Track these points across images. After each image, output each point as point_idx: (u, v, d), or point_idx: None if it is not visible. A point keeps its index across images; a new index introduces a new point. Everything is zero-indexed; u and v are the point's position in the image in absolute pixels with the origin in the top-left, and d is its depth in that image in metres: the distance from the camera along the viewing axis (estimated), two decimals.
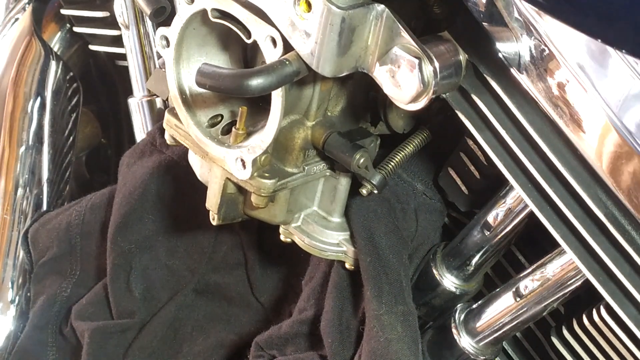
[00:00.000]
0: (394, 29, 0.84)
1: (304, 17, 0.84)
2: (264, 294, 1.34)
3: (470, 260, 1.04)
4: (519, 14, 0.79)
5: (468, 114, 0.89)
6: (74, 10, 1.66)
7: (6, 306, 1.52)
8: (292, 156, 0.99)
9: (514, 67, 0.82)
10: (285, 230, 1.06)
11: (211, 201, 1.02)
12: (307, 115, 0.97)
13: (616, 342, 0.94)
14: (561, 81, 0.79)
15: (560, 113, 0.81)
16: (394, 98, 0.85)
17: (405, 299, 1.03)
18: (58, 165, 1.63)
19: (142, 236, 1.30)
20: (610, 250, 0.84)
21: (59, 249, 1.40)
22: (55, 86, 1.64)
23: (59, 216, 1.41)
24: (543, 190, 0.86)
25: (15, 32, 1.66)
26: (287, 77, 0.86)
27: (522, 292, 0.99)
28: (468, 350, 1.05)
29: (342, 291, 1.08)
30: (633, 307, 0.85)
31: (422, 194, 1.07)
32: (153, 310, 1.32)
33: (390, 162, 1.01)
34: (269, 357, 1.17)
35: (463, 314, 1.06)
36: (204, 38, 0.98)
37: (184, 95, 0.99)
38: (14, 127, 1.60)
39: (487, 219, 1.00)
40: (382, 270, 1.02)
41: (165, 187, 1.28)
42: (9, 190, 1.58)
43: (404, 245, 1.05)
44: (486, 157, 0.96)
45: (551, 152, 0.84)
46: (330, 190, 1.04)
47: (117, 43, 1.61)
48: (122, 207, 1.29)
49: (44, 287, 1.42)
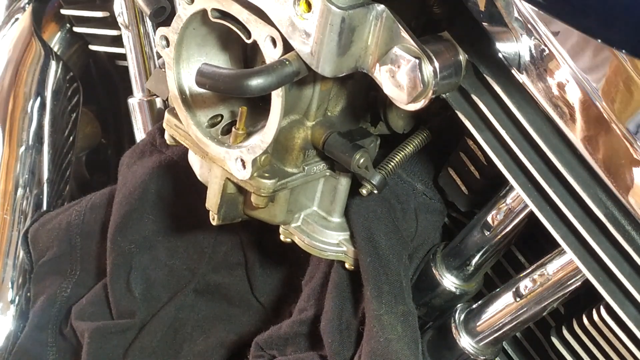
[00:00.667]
0: (393, 29, 0.84)
1: (304, 17, 0.84)
2: (264, 294, 1.34)
3: (470, 260, 1.04)
4: (519, 14, 0.79)
5: (468, 114, 0.89)
6: (74, 10, 1.66)
7: (6, 306, 1.52)
8: (292, 156, 0.99)
9: (514, 67, 0.82)
10: (285, 230, 1.06)
11: (211, 201, 1.02)
12: (307, 115, 0.97)
13: (616, 342, 0.94)
14: (561, 81, 0.79)
15: (560, 113, 0.81)
16: (393, 98, 0.85)
17: (405, 299, 1.03)
18: (58, 165, 1.63)
19: (142, 236, 1.30)
20: (610, 250, 0.84)
21: (59, 249, 1.40)
22: (55, 86, 1.64)
23: (59, 216, 1.42)
24: (543, 190, 0.86)
25: (15, 32, 1.66)
26: (287, 77, 0.86)
27: (522, 292, 0.99)
28: (468, 350, 1.05)
29: (342, 291, 1.07)
30: (633, 307, 0.85)
31: (422, 194, 1.07)
32: (153, 310, 1.32)
33: (390, 162, 1.01)
34: (269, 357, 1.17)
35: (463, 314, 1.06)
36: (204, 38, 0.98)
37: (184, 95, 0.99)
38: (14, 127, 1.60)
39: (487, 219, 1.00)
40: (382, 270, 1.02)
41: (165, 187, 1.28)
42: (9, 190, 1.58)
43: (404, 245, 1.05)
44: (486, 157, 0.96)
45: (551, 152, 0.84)
46: (330, 190, 1.04)
47: (117, 43, 1.61)
48: (122, 207, 1.29)
49: (44, 287, 1.42)
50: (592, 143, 0.79)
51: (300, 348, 1.13)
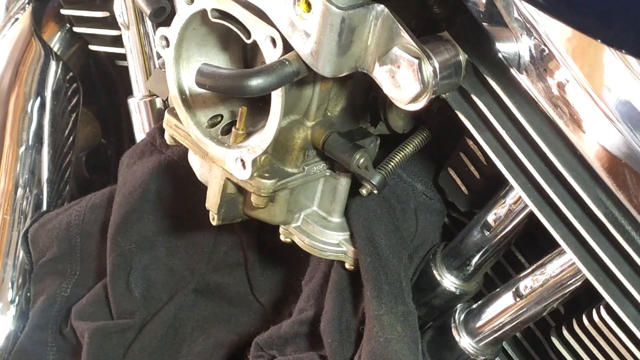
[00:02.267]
0: (393, 29, 0.84)
1: (304, 17, 0.84)
2: (264, 294, 1.34)
3: (470, 260, 1.04)
4: (519, 14, 0.79)
5: (468, 114, 0.89)
6: (74, 10, 1.66)
7: (6, 306, 1.52)
8: (292, 156, 0.99)
9: (513, 67, 0.82)
10: (285, 230, 1.06)
11: (211, 201, 1.02)
12: (307, 115, 0.97)
13: (616, 342, 0.94)
14: (561, 81, 0.79)
15: (560, 113, 0.81)
16: (393, 98, 0.85)
17: (405, 299, 1.03)
18: (58, 165, 1.63)
19: (142, 236, 1.30)
20: (610, 250, 0.84)
21: (58, 249, 1.40)
22: (55, 86, 1.64)
23: (59, 216, 1.42)
24: (543, 190, 0.86)
25: (15, 32, 1.66)
26: (287, 77, 0.86)
27: (522, 292, 0.99)
28: (468, 350, 1.05)
29: (342, 291, 1.07)
30: (633, 307, 0.85)
31: (422, 194, 1.07)
32: (153, 310, 1.32)
33: (390, 162, 1.01)
34: (268, 357, 1.17)
35: (463, 314, 1.06)
36: (204, 38, 0.98)
37: (184, 95, 0.99)
38: (14, 127, 1.60)
39: (487, 219, 1.00)
40: (382, 270, 1.02)
41: (165, 187, 1.28)
42: (9, 190, 1.58)
43: (404, 245, 1.05)
44: (486, 157, 0.96)
45: (551, 152, 0.84)
46: (330, 190, 1.04)
47: (117, 43, 1.61)
48: (122, 207, 1.29)
49: (44, 287, 1.42)
50: (591, 143, 0.79)
51: (300, 348, 1.13)
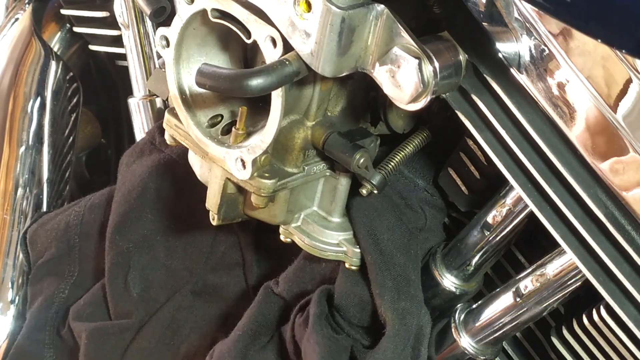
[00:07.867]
0: (393, 29, 0.84)
1: (304, 17, 0.84)
2: None
3: (470, 260, 1.04)
4: (519, 14, 0.79)
5: (468, 114, 0.89)
6: (74, 10, 1.66)
7: (6, 306, 1.52)
8: (292, 156, 0.99)
9: (514, 67, 0.82)
10: (285, 230, 1.06)
11: (211, 201, 1.02)
12: (307, 115, 0.97)
13: (616, 342, 0.94)
14: (561, 81, 0.79)
15: (560, 113, 0.81)
16: (393, 98, 0.85)
17: (410, 294, 1.01)
18: (58, 165, 1.63)
19: (140, 235, 1.29)
20: (610, 250, 0.84)
21: (57, 249, 1.40)
22: (55, 86, 1.64)
23: (58, 217, 1.41)
24: (543, 190, 0.86)
25: (15, 32, 1.67)
26: (287, 77, 0.86)
27: (522, 292, 0.99)
28: (468, 350, 1.05)
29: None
30: (633, 307, 0.85)
31: (424, 190, 1.07)
32: (151, 310, 1.32)
33: (390, 162, 1.01)
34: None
35: (463, 314, 1.06)
36: (204, 38, 0.98)
37: (184, 95, 0.99)
38: (14, 127, 1.60)
39: (487, 219, 1.00)
40: (385, 266, 1.01)
41: (164, 186, 1.28)
42: (9, 190, 1.58)
43: (411, 237, 1.04)
44: (486, 157, 0.96)
45: (551, 152, 0.84)
46: (330, 190, 1.04)
47: (117, 43, 1.61)
48: (120, 206, 1.29)
49: (42, 288, 1.42)
50: (592, 143, 0.79)
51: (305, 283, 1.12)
